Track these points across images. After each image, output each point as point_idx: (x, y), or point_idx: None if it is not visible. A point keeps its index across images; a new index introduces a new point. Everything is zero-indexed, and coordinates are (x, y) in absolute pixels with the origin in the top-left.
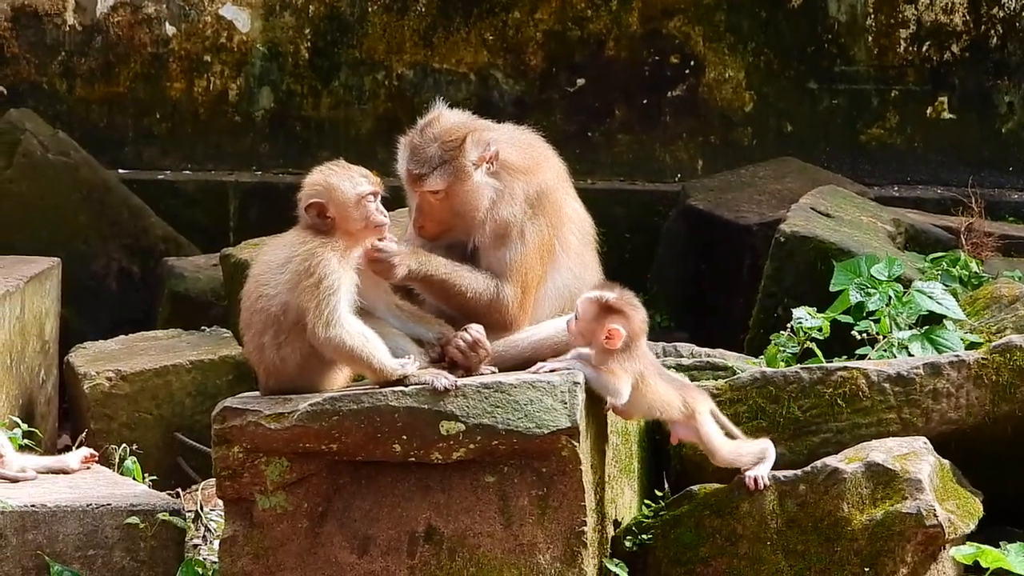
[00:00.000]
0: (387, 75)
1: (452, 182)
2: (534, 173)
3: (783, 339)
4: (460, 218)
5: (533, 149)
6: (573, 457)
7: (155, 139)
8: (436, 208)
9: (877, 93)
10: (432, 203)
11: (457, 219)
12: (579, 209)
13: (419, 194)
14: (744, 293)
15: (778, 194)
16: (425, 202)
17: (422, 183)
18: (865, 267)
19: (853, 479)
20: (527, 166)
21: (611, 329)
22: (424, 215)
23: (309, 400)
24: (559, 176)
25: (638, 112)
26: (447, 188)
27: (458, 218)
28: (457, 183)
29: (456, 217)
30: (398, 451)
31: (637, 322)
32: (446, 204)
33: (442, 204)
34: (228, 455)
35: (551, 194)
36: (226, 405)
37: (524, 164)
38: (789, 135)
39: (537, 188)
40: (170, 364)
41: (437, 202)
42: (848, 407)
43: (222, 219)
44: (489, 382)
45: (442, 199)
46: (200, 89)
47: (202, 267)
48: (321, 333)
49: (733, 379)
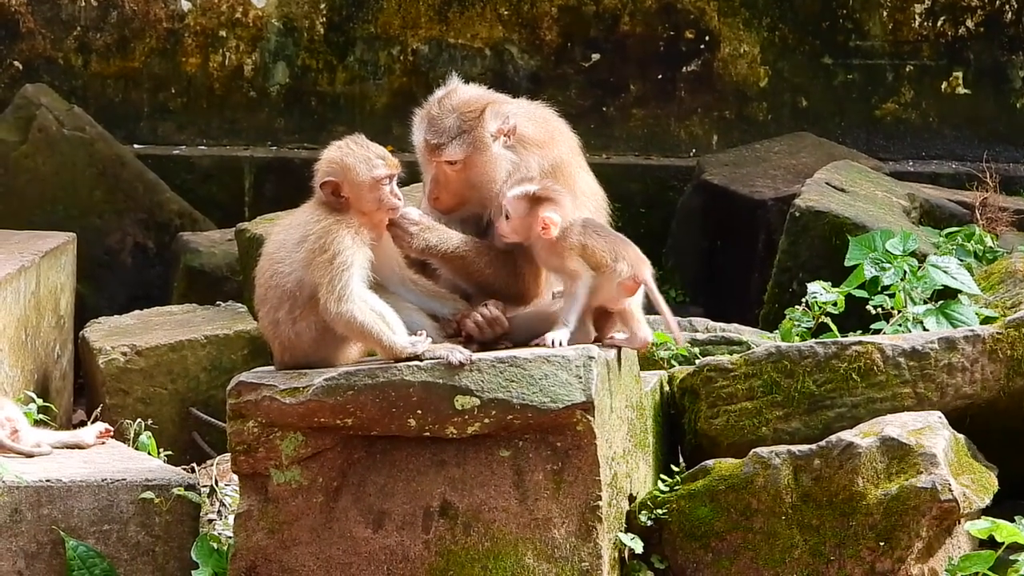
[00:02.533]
0: (402, 50)
1: (470, 153)
2: (549, 147)
3: (798, 314)
4: (476, 190)
5: (548, 123)
6: (588, 431)
7: (170, 114)
8: (452, 180)
9: (892, 68)
10: (448, 175)
11: (473, 191)
12: (592, 183)
13: (436, 165)
14: (759, 268)
15: (793, 169)
16: (441, 173)
17: (440, 153)
18: (880, 242)
19: (868, 454)
20: (543, 140)
21: (544, 218)
22: (440, 186)
23: (324, 375)
24: (573, 150)
25: (653, 87)
26: (465, 159)
27: (474, 190)
28: (475, 154)
29: (472, 189)
30: (413, 426)
31: (567, 204)
32: (462, 176)
33: (458, 176)
34: (243, 430)
35: (565, 168)
36: (241, 380)
37: (540, 138)
38: (804, 110)
39: (552, 162)
40: (185, 339)
41: (454, 173)
42: (863, 382)
43: (237, 194)
44: (504, 356)
45: (459, 170)
46: (215, 64)
47: (217, 242)
48: (333, 308)
49: (748, 354)
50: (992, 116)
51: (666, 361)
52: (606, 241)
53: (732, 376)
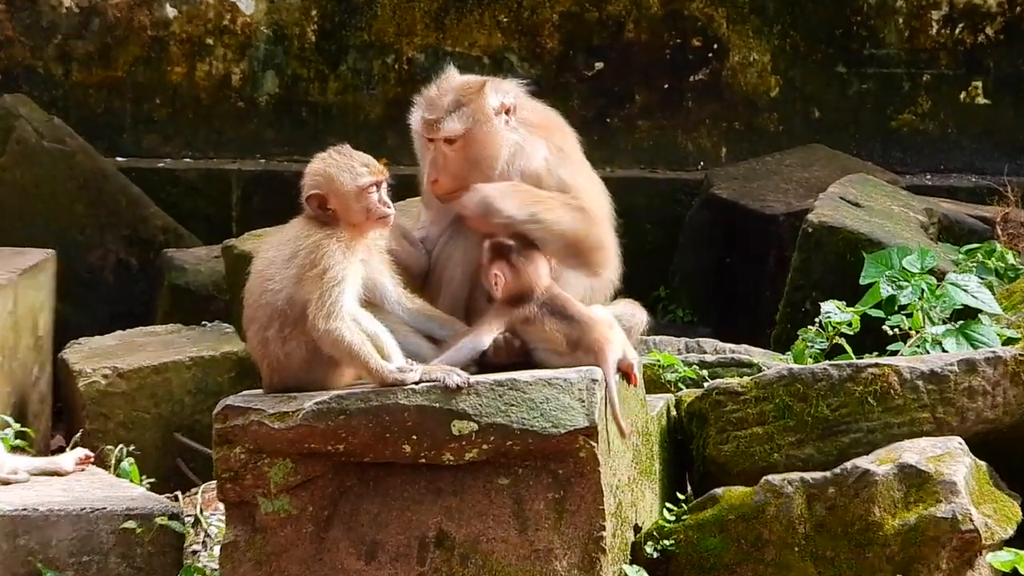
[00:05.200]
0: (397, 59)
1: (470, 127)
2: (553, 132)
3: (811, 334)
4: (478, 169)
5: (549, 114)
6: (591, 458)
7: (155, 125)
8: (451, 160)
9: (908, 77)
10: (447, 155)
11: (474, 171)
12: (597, 181)
13: (434, 145)
14: (770, 286)
15: (805, 183)
16: (440, 154)
17: (438, 128)
18: (897, 259)
19: (885, 481)
20: (545, 124)
21: (494, 274)
22: (438, 168)
23: (315, 398)
24: (575, 143)
25: (659, 97)
26: (465, 134)
27: (476, 170)
28: (475, 128)
29: (474, 169)
30: (408, 452)
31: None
32: (462, 154)
33: (458, 155)
34: (230, 456)
35: (572, 154)
36: (228, 403)
37: (542, 122)
38: (817, 121)
39: (557, 145)
40: (169, 361)
41: (453, 153)
42: (879, 406)
43: (224, 209)
44: (503, 379)
45: (459, 149)
46: (202, 73)
47: (203, 259)
48: (321, 325)
49: (759, 376)
50: (1013, 127)
51: (673, 384)
52: (567, 325)
53: (742, 400)
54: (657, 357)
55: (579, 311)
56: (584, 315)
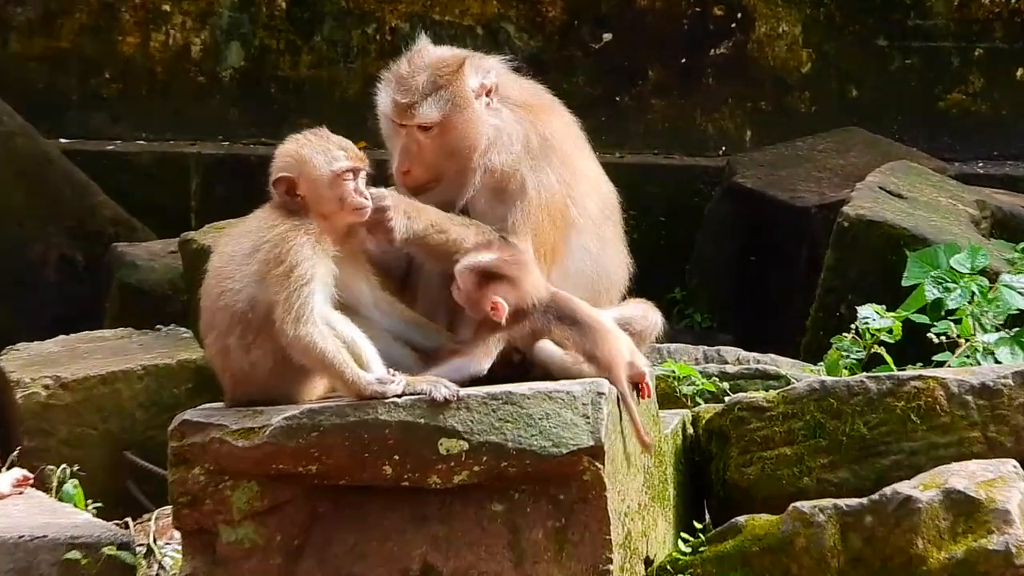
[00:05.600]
0: (378, 28)
1: (448, 113)
2: (539, 115)
3: (846, 343)
4: (454, 160)
5: (537, 91)
6: (597, 482)
7: (104, 103)
8: (426, 149)
9: (958, 52)
10: (421, 143)
11: (451, 162)
12: (597, 170)
13: (406, 131)
14: (800, 288)
15: (841, 171)
16: (412, 141)
17: (411, 114)
18: (944, 258)
19: (929, 509)
20: (532, 104)
21: (492, 301)
22: (411, 157)
23: (284, 413)
24: (569, 127)
25: (675, 73)
26: (442, 120)
27: (452, 161)
28: (454, 114)
29: (450, 159)
30: (389, 474)
31: (526, 283)
32: (438, 143)
33: (433, 143)
34: (187, 478)
35: (559, 144)
36: (185, 419)
37: (528, 102)
38: (854, 101)
39: (542, 134)
40: (119, 370)
41: (428, 141)
42: (923, 424)
43: (182, 198)
44: (497, 392)
45: (434, 137)
46: (157, 44)
47: (158, 254)
48: (289, 330)
49: (787, 390)
50: None
51: (690, 398)
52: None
53: (768, 416)
54: (672, 367)
55: (588, 315)
56: (594, 320)
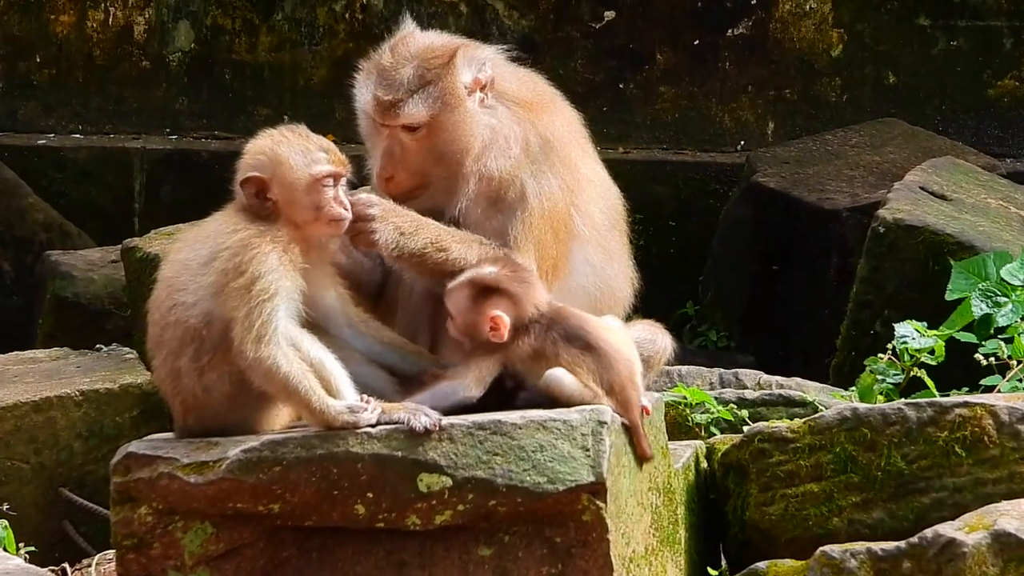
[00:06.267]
0: (348, 5)
1: (438, 111)
2: (539, 113)
3: (882, 365)
4: (444, 165)
5: (537, 85)
6: (597, 522)
7: (34, 91)
8: (411, 152)
9: (1011, 32)
10: (406, 144)
11: (440, 167)
12: (602, 174)
13: (389, 132)
14: (829, 302)
15: (876, 168)
16: (396, 142)
17: (396, 113)
18: (993, 268)
19: (975, 554)
20: (531, 101)
21: (492, 318)
22: (394, 161)
23: (242, 445)
24: (572, 125)
25: (687, 57)
26: (431, 120)
27: (441, 165)
28: (444, 113)
29: (439, 164)
30: (362, 514)
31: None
32: (425, 145)
33: (420, 145)
34: (132, 518)
35: (562, 146)
36: (130, 451)
37: (527, 98)
38: (891, 88)
39: (543, 135)
40: (54, 395)
41: (414, 143)
42: (969, 457)
43: (125, 199)
44: (484, 421)
45: (421, 138)
46: (95, 23)
47: (96, 264)
48: (249, 351)
49: (814, 418)
50: None
51: (704, 428)
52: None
53: (793, 448)
54: (684, 393)
55: (600, 335)
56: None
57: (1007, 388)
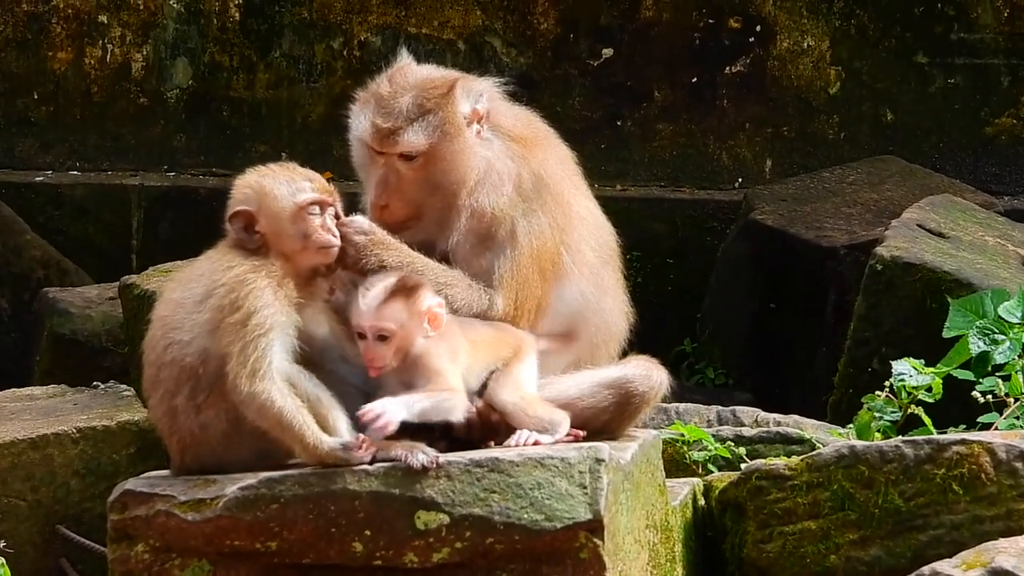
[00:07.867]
0: (346, 43)
1: (436, 141)
2: (533, 149)
3: (879, 402)
4: (439, 196)
5: (532, 122)
6: (595, 560)
7: (31, 128)
8: (407, 181)
9: (1009, 70)
10: (402, 174)
11: (434, 198)
12: (595, 211)
13: (385, 160)
14: (827, 339)
15: (874, 206)
16: (392, 171)
17: (394, 140)
18: (991, 305)
19: None
20: (525, 136)
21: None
22: (390, 190)
23: (239, 482)
24: (565, 163)
25: (685, 94)
26: (429, 149)
27: (436, 196)
28: (443, 142)
29: (434, 194)
30: (359, 552)
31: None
32: (421, 175)
33: (416, 175)
34: (129, 556)
35: (554, 183)
36: (127, 488)
37: (521, 133)
38: (889, 126)
39: (536, 172)
40: (51, 432)
41: (410, 172)
42: (967, 494)
43: (122, 236)
44: (482, 459)
45: (418, 167)
46: (93, 61)
47: (94, 301)
48: (244, 386)
49: (811, 456)
50: None
51: (701, 465)
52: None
53: (791, 486)
54: (681, 430)
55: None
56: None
57: (1004, 425)
